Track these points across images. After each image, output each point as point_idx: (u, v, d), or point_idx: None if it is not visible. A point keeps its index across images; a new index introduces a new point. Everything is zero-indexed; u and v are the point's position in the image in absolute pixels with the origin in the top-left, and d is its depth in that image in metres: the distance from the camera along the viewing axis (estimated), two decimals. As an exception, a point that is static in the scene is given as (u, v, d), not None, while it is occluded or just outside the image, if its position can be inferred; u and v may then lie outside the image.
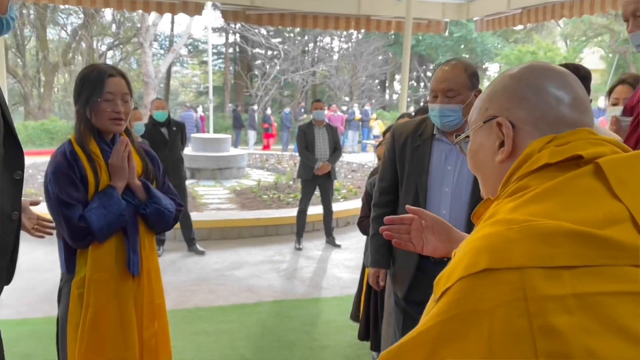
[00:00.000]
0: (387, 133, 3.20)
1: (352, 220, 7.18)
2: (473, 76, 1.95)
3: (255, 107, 18.50)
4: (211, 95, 13.93)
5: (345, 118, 18.75)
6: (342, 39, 30.14)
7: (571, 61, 23.06)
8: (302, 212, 6.06)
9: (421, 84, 31.87)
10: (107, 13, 23.16)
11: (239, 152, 10.56)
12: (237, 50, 29.84)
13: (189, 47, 29.21)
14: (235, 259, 5.52)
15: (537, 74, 0.81)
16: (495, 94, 0.84)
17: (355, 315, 3.52)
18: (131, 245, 1.81)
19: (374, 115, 20.68)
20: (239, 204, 7.51)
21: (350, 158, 14.08)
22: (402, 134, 2.14)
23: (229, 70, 29.57)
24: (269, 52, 25.58)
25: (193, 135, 10.45)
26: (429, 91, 2.03)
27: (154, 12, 8.99)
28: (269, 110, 19.11)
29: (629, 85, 2.41)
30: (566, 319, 0.59)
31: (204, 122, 17.75)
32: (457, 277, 0.65)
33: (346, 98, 26.27)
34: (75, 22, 24.66)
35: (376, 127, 18.29)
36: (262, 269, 5.23)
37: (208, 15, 13.00)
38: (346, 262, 5.57)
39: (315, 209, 6.46)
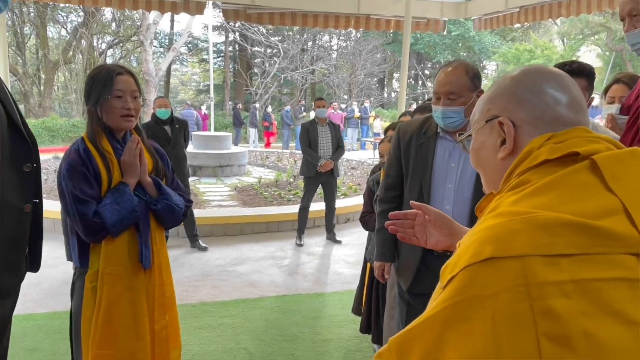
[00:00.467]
0: (389, 130, 3.25)
1: (352, 217, 7.24)
2: (475, 77, 2.00)
3: (257, 105, 18.51)
4: (212, 93, 13.95)
5: (344, 116, 18.77)
6: (340, 37, 30.14)
7: (568, 59, 22.99)
8: (304, 208, 6.11)
9: (419, 82, 31.89)
10: (107, 11, 23.17)
11: (239, 150, 10.61)
12: (237, 48, 29.84)
13: (189, 46, 29.21)
14: (237, 255, 5.58)
15: (536, 77, 0.86)
16: (496, 95, 0.89)
17: (357, 308, 3.58)
18: (143, 240, 1.87)
19: (373, 113, 20.71)
20: (240, 201, 7.57)
21: (349, 155, 14.08)
22: (407, 131, 2.19)
23: (228, 69, 29.58)
24: (268, 51, 25.58)
25: (194, 133, 10.49)
26: (432, 92, 2.08)
27: (154, 11, 9.02)
28: (269, 108, 19.13)
29: (624, 85, 2.45)
30: (565, 303, 0.63)
31: (206, 120, 17.73)
32: (463, 266, 0.70)
33: (345, 96, 26.29)
34: (76, 20, 24.65)
35: (377, 124, 18.32)
36: (264, 264, 5.29)
37: (209, 14, 13.02)
38: (347, 257, 5.63)
39: (316, 206, 6.51)
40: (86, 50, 23.04)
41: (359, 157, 14.41)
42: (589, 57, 25.86)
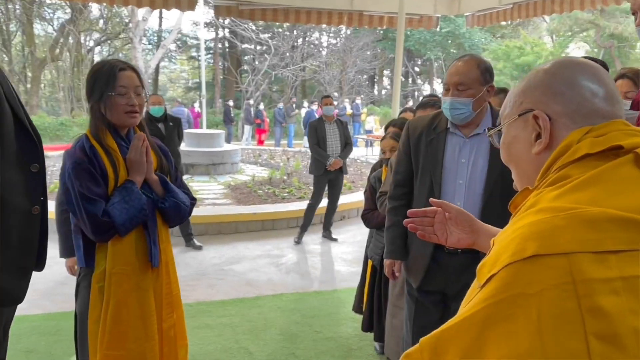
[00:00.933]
0: (389, 127, 3.24)
1: (347, 215, 7.23)
2: (486, 72, 2.00)
3: (251, 102, 18.43)
4: (204, 90, 13.85)
5: (336, 113, 18.72)
6: (330, 35, 30.10)
7: (557, 56, 23.34)
8: (312, 206, 6.03)
9: (409, 79, 31.94)
10: (94, 8, 22.91)
11: (232, 148, 10.55)
12: (227, 45, 29.68)
13: (178, 43, 29.00)
14: (233, 253, 5.54)
15: (570, 69, 0.84)
16: (529, 89, 0.87)
17: (358, 307, 3.56)
18: (152, 238, 1.84)
19: (365, 110, 20.71)
20: (235, 199, 7.53)
21: (342, 153, 14.06)
22: (416, 128, 2.19)
23: (218, 66, 29.42)
24: (258, 47, 25.45)
25: (186, 131, 10.41)
26: (443, 84, 2.08)
27: (145, 7, 8.92)
28: (261, 105, 19.06)
29: (629, 80, 2.45)
30: (614, 300, 0.62)
31: (198, 117, 17.61)
32: (504, 264, 0.68)
33: (336, 93, 26.26)
34: (63, 17, 24.36)
35: (370, 121, 18.31)
36: (260, 263, 5.26)
37: (200, 10, 12.94)
38: (344, 255, 5.62)
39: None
40: (74, 47, 22.80)
41: (352, 154, 14.38)
42: (578, 54, 26.07)
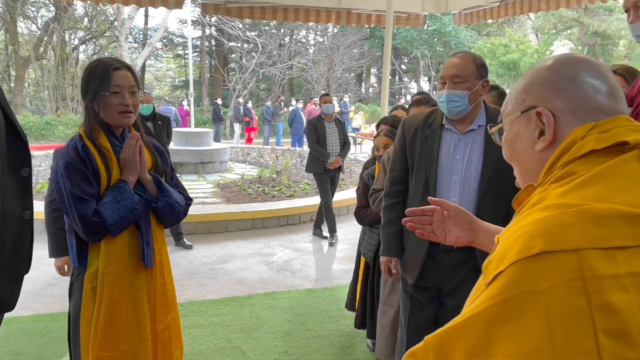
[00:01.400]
0: (381, 124, 3.24)
1: (337, 212, 7.22)
2: (481, 66, 2.03)
3: (240, 100, 18.34)
4: (192, 89, 13.77)
5: (337, 111, 18.77)
6: (317, 33, 30.06)
7: (542, 53, 23.51)
8: (328, 206, 6.00)
9: (396, 77, 32.02)
10: (78, 6, 22.64)
11: (221, 146, 10.50)
12: (213, 43, 29.50)
13: (164, 41, 28.78)
14: (223, 252, 5.52)
15: (573, 65, 0.84)
16: (532, 85, 0.87)
17: (351, 304, 3.57)
18: (145, 239, 1.81)
19: (353, 108, 20.74)
20: (224, 197, 7.49)
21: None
22: (412, 124, 2.20)
23: (205, 64, 29.24)
24: (245, 46, 25.35)
25: (175, 130, 10.35)
26: (438, 78, 2.10)
27: (132, 5, 8.83)
28: (249, 104, 19.00)
29: (620, 76, 2.46)
30: (623, 297, 0.62)
31: (187, 116, 17.49)
32: (511, 261, 0.67)
33: (323, 91, 26.23)
34: (46, 15, 24.04)
35: (358, 119, 18.33)
36: (251, 261, 5.24)
37: (187, 8, 12.85)
38: (335, 253, 5.62)
39: (302, 202, 6.48)
40: (58, 46, 22.48)
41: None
42: (562, 52, 26.32)
